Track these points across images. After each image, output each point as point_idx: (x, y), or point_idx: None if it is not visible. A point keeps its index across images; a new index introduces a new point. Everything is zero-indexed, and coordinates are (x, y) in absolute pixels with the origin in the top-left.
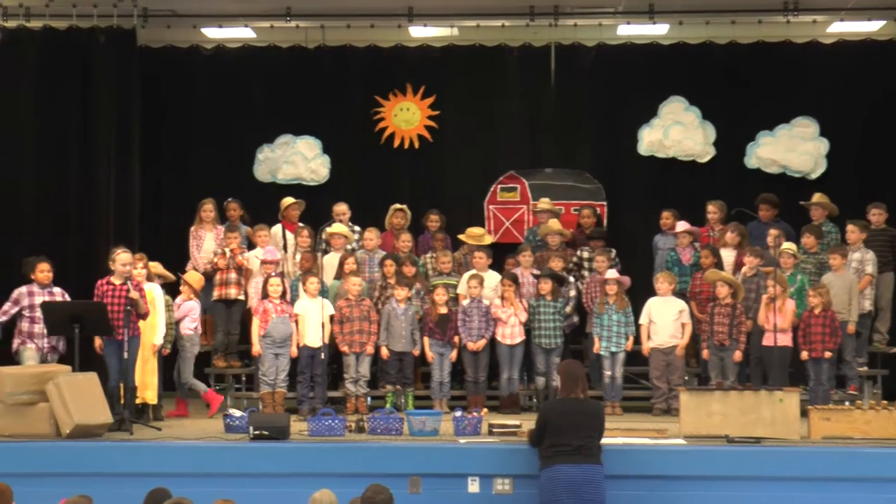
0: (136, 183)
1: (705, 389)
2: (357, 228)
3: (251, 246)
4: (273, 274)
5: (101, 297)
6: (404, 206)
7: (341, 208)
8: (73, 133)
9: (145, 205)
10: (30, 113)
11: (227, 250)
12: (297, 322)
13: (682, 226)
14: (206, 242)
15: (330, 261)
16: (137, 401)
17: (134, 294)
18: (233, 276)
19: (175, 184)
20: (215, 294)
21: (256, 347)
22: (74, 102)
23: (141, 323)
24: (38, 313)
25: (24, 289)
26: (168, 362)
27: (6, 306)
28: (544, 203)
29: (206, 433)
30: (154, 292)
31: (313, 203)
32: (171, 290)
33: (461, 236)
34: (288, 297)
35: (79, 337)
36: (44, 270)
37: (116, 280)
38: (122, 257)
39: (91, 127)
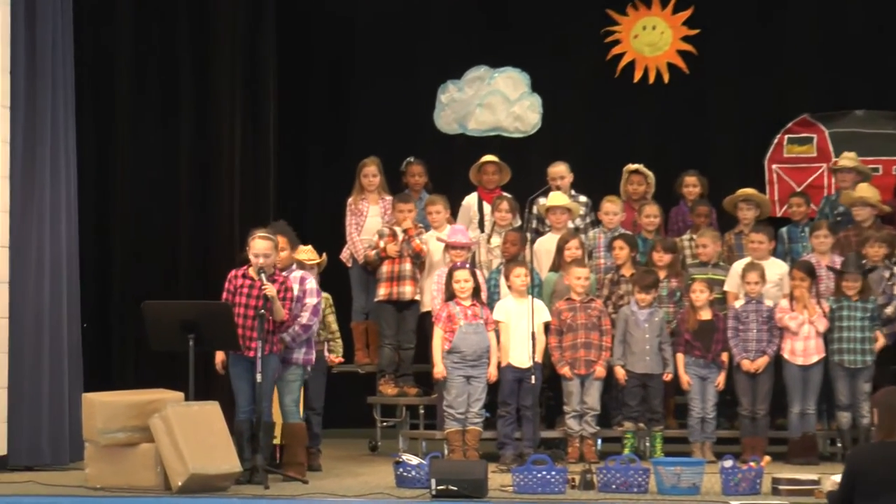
0: (270, 141)
1: None
2: (583, 199)
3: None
4: (461, 264)
5: (233, 295)
6: (641, 167)
7: (559, 170)
8: (184, 78)
9: (283, 170)
10: (126, 52)
11: (398, 230)
12: (497, 332)
13: None
14: (370, 220)
15: (545, 245)
16: (276, 441)
17: (269, 290)
18: (407, 267)
19: (325, 140)
20: (381, 293)
21: (439, 368)
22: (185, 32)
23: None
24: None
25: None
26: (329, 386)
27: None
28: (848, 159)
29: (370, 488)
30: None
31: (518, 163)
32: (331, 282)
33: (727, 202)
34: (483, 296)
35: (193, 351)
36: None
37: (256, 273)
38: (257, 244)
39: (209, 67)
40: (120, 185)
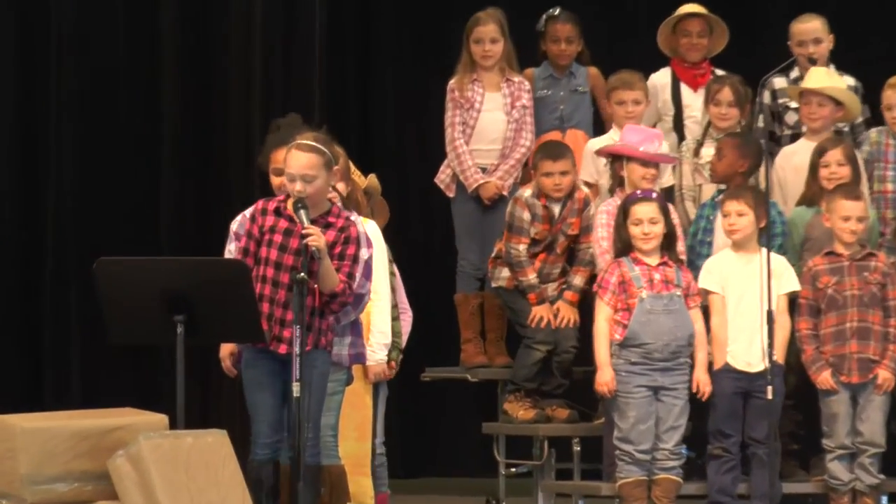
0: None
1: None
2: (850, 81)
3: None
4: (644, 193)
5: (258, 244)
6: None
7: (812, 26)
8: None
9: (335, 43)
10: None
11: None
12: (706, 312)
13: None
14: (485, 117)
15: (792, 159)
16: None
17: (315, 238)
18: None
19: None
20: (520, 248)
21: (607, 373)
22: None
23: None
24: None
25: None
26: (416, 404)
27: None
28: None
29: None
30: (372, 233)
31: (739, 20)
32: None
33: None
34: (681, 248)
35: (184, 344)
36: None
37: (294, 208)
38: (295, 159)
39: None
40: (59, 80)
